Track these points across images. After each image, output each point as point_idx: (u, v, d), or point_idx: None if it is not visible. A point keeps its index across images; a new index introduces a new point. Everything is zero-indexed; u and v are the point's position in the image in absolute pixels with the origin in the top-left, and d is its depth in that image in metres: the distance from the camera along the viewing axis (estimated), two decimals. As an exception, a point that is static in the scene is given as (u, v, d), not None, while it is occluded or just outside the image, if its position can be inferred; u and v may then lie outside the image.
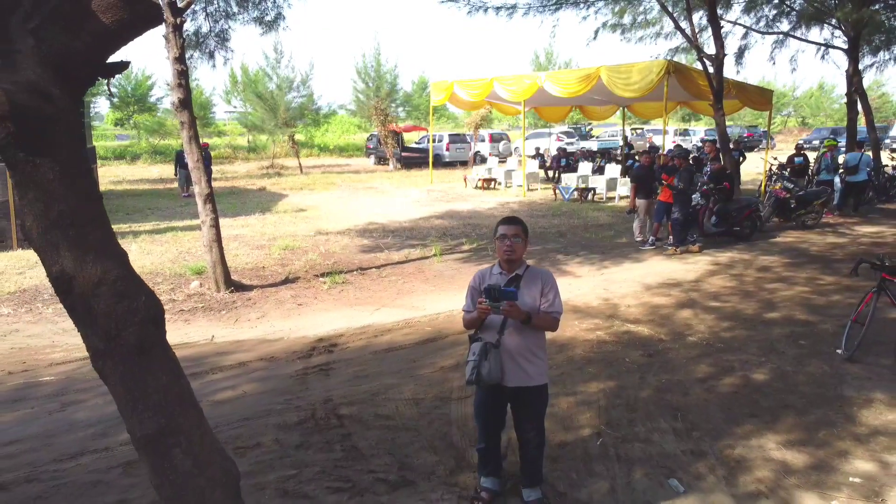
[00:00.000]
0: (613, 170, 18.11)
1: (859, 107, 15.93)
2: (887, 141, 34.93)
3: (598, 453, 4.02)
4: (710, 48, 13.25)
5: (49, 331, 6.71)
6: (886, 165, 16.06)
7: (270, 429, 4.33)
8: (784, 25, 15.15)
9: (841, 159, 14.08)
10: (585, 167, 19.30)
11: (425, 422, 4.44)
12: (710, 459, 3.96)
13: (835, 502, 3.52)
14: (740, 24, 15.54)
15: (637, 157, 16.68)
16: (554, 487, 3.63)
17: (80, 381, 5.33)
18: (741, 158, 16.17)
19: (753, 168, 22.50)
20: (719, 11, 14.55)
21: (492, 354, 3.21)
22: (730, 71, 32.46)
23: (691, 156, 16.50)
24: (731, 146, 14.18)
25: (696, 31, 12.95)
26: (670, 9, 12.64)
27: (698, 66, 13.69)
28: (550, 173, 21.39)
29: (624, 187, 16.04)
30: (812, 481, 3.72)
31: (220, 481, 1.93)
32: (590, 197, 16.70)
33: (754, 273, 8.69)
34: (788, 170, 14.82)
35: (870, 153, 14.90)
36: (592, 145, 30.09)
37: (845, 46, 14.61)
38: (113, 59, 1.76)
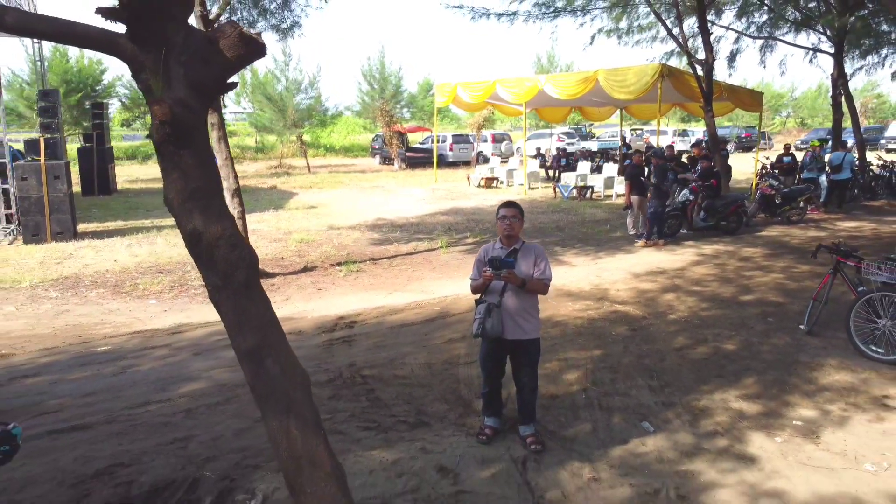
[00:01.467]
0: (611, 169, 18.83)
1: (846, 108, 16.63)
2: (882, 141, 35.55)
3: (584, 403, 4.77)
4: (702, 53, 13.95)
5: (96, 311, 7.47)
6: (871, 164, 16.75)
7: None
8: (774, 30, 15.85)
9: (827, 158, 14.78)
10: (584, 166, 20.02)
11: (437, 380, 5.19)
12: (678, 408, 4.70)
13: (778, 438, 4.26)
14: (732, 29, 16.25)
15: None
16: (545, 427, 4.37)
17: (133, 349, 6.09)
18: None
19: (748, 167, 23.17)
20: (711, 17, 15.28)
21: (494, 313, 3.96)
22: (723, 74, 33.11)
23: (685, 156, 17.26)
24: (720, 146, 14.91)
25: (687, 37, 13.66)
26: (663, 16, 13.37)
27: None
28: (551, 172, 22.12)
29: (621, 185, 16.74)
30: (761, 424, 4.46)
31: (299, 383, 2.66)
32: (588, 195, 17.43)
33: (735, 262, 9.42)
34: (778, 168, 15.54)
35: (855, 153, 15.59)
36: (592, 146, 30.82)
37: (832, 51, 15.32)
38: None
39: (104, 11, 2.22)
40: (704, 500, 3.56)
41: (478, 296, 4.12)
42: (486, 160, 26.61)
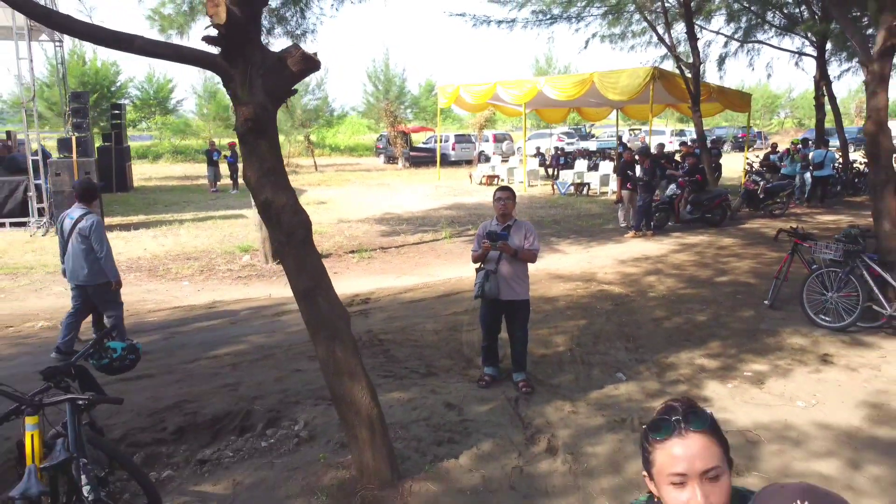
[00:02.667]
0: (607, 167, 19.65)
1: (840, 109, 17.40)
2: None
3: (568, 360, 5.60)
4: (691, 57, 14.75)
5: (137, 290, 8.31)
6: (856, 161, 17.55)
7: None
8: (760, 35, 16.67)
9: (810, 156, 15.58)
10: (581, 164, 20.85)
11: (444, 343, 6.03)
12: (648, 364, 5.53)
13: (730, 385, 5.09)
14: (722, 34, 17.06)
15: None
16: (535, 377, 5.20)
17: (177, 320, 6.94)
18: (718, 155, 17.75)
19: (740, 166, 23.97)
20: (702, 23, 16.09)
21: (491, 278, 4.79)
22: (713, 76, 33.83)
23: (678, 154, 18.06)
24: (710, 145, 15.74)
25: (675, 42, 14.49)
26: (655, 23, 14.19)
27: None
28: (550, 171, 22.96)
29: (615, 182, 17.55)
30: (718, 375, 5.28)
31: (341, 318, 3.49)
32: (584, 191, 18.26)
33: (714, 250, 10.25)
34: (765, 166, 16.36)
35: (836, 152, 16.40)
36: (592, 145, 31.65)
37: (815, 54, 16.11)
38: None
39: (208, 39, 3.06)
40: (662, 426, 4.38)
41: (478, 265, 4.96)
42: (487, 159, 27.42)
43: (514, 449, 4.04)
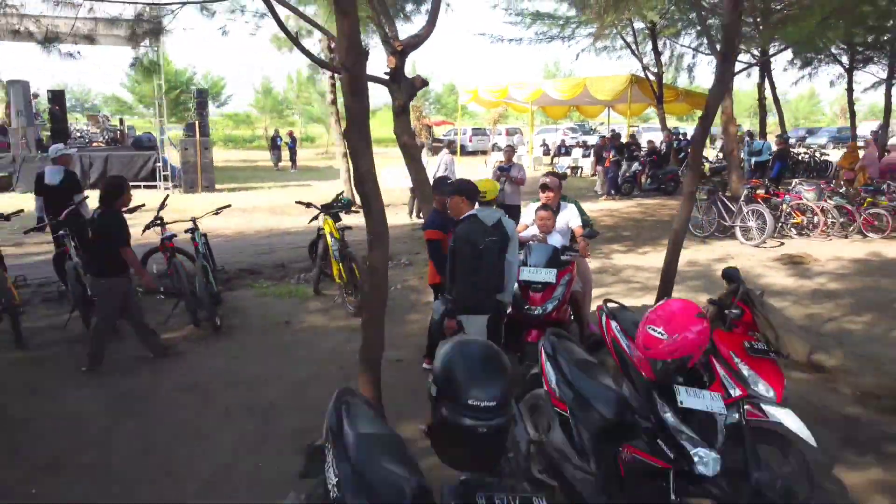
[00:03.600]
0: (598, 154, 23.94)
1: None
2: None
3: (543, 246, 10.00)
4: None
5: (272, 219, 12.77)
6: (799, 153, 21.80)
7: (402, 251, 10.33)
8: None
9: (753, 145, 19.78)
10: (577, 152, 25.17)
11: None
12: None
13: (627, 254, 9.44)
14: (693, 49, 21.22)
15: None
16: (523, 250, 9.61)
17: (309, 230, 11.40)
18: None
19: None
20: (674, 38, 20.27)
21: (500, 192, 9.19)
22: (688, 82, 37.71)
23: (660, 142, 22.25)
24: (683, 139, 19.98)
25: (658, 55, 18.81)
26: (629, 40, 18.48)
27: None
28: (555, 160, 27.31)
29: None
30: (621, 251, 9.63)
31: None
32: (578, 173, 22.56)
33: (658, 207, 14.56)
34: (722, 153, 20.57)
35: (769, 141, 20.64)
36: (592, 139, 35.91)
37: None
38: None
39: (386, 73, 7.44)
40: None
41: (493, 186, 9.36)
42: (499, 149, 31.77)
43: (509, 268, 8.44)
